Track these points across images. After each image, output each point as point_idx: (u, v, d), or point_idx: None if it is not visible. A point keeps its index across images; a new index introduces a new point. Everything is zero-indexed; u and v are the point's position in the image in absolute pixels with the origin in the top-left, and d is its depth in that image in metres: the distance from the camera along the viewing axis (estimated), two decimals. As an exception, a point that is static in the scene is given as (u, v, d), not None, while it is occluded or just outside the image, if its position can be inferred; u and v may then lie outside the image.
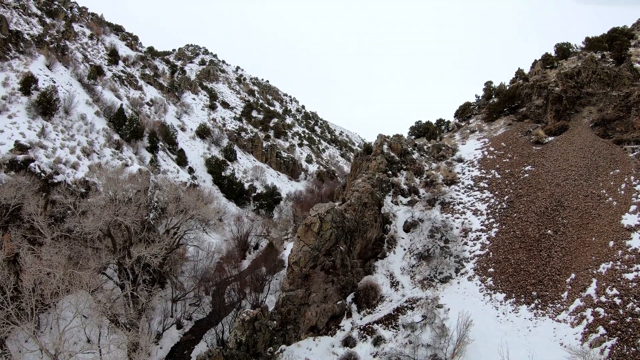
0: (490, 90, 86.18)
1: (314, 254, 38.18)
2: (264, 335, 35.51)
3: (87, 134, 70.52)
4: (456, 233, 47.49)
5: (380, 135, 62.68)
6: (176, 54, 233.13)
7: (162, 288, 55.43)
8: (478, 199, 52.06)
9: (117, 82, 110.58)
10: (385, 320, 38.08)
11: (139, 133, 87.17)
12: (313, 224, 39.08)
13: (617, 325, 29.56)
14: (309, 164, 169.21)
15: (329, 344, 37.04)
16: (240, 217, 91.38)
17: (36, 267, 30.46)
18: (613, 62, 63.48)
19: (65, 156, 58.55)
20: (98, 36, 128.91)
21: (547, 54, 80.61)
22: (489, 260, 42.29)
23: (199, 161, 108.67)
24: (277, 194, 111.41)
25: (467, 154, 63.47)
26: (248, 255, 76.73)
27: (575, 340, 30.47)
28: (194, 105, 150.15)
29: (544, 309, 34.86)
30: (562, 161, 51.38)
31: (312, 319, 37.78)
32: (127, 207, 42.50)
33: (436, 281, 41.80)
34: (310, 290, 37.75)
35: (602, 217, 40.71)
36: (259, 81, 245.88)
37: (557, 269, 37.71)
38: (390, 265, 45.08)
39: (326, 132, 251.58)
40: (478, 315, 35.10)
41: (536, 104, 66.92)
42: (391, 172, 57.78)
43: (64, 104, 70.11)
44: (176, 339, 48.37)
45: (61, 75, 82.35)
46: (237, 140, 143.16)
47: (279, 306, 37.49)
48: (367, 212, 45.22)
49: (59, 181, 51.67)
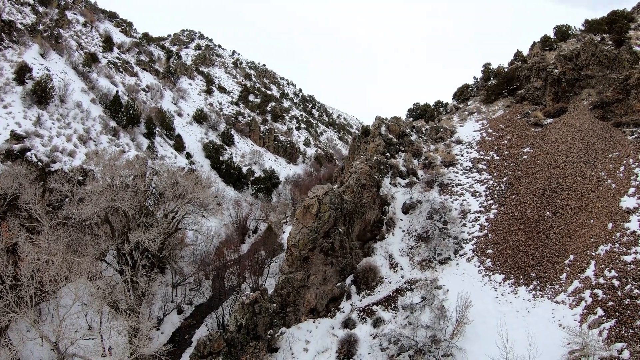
0: (488, 72, 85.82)
1: (312, 236, 38.11)
2: (264, 318, 35.64)
3: (83, 121, 70.22)
4: (455, 214, 47.48)
5: (378, 117, 62.39)
6: (171, 39, 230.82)
7: (162, 273, 55.56)
8: (476, 181, 51.99)
9: (112, 69, 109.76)
10: (385, 301, 38.23)
11: (135, 119, 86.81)
12: (311, 206, 38.93)
13: (615, 306, 29.69)
14: (307, 147, 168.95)
15: (329, 325, 37.24)
16: (239, 201, 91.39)
17: (34, 255, 30.34)
18: (612, 44, 63.01)
19: (62, 144, 58.33)
20: (92, 23, 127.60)
21: (546, 36, 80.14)
22: (488, 241, 42.34)
23: (197, 146, 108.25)
24: (275, 178, 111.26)
25: (465, 136, 63.29)
26: (247, 239, 76.93)
27: (573, 321, 30.63)
28: (190, 90, 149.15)
29: (543, 290, 35.00)
30: (561, 143, 51.24)
31: (311, 301, 37.90)
32: (124, 193, 42.32)
33: (435, 262, 41.89)
34: (309, 273, 37.82)
35: (601, 199, 40.71)
36: (255, 65, 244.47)
37: (556, 250, 37.78)
38: (389, 246, 45.14)
39: (324, 115, 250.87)
40: (477, 296, 35.25)
41: (535, 86, 66.61)
42: (389, 154, 57.63)
43: (59, 92, 69.83)
44: (177, 323, 48.64)
45: (56, 63, 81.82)
46: (235, 125, 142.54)
47: (279, 289, 37.58)
48: (365, 193, 45.12)
49: (56, 169, 51.45)
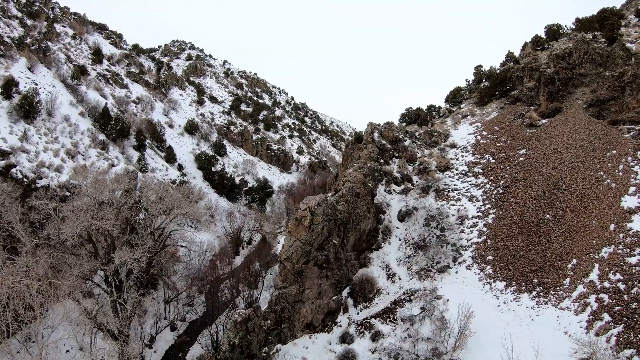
0: (480, 74, 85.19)
1: (306, 249, 36.73)
2: (258, 336, 34.28)
3: (71, 135, 68.77)
4: (452, 221, 46.25)
5: (370, 124, 61.20)
6: (162, 50, 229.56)
7: (154, 289, 54.27)
8: (473, 185, 50.87)
9: (101, 81, 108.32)
10: (383, 314, 36.95)
11: (125, 132, 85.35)
12: (304, 218, 37.58)
13: (622, 311, 28.57)
14: (300, 155, 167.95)
15: (326, 341, 35.91)
16: (232, 212, 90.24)
17: (10, 280, 28.63)
18: (605, 42, 62.39)
19: (49, 159, 57.01)
20: (81, 36, 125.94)
21: (537, 36, 79.41)
22: (487, 247, 41.12)
23: (189, 157, 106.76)
24: (268, 187, 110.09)
25: (459, 139, 62.26)
26: (241, 251, 75.94)
27: (579, 328, 29.47)
28: (181, 101, 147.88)
29: (546, 296, 33.81)
30: (558, 143, 50.25)
31: (307, 316, 36.53)
32: (106, 211, 40.55)
33: (434, 271, 40.66)
34: (304, 287, 36.44)
35: (601, 199, 39.69)
36: (247, 74, 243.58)
37: (558, 254, 36.63)
38: (386, 256, 43.83)
39: (316, 123, 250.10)
40: (478, 305, 33.98)
41: (528, 86, 65.77)
42: (383, 161, 56.44)
43: (46, 106, 68.36)
44: (170, 341, 47.61)
45: (43, 77, 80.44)
46: (227, 135, 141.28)
47: (273, 304, 36.19)
48: (359, 202, 43.82)
49: (42, 185, 50.11)
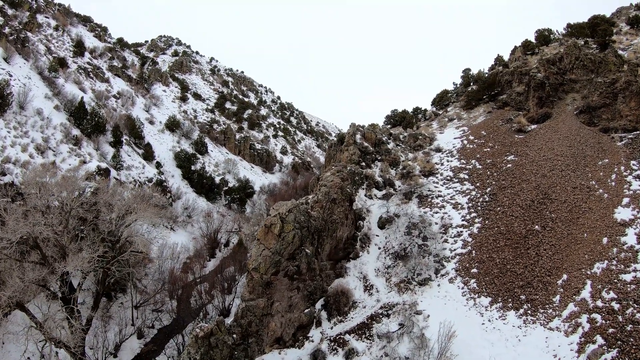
0: (468, 78, 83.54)
1: (275, 259, 33.70)
2: (222, 352, 31.32)
3: (42, 130, 65.53)
4: (435, 229, 43.67)
5: (352, 125, 58.54)
6: (149, 45, 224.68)
7: (123, 294, 51.31)
8: (458, 192, 48.43)
9: (82, 74, 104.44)
10: (359, 329, 34.15)
11: (101, 127, 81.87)
12: (273, 225, 34.45)
13: (616, 334, 26.14)
14: (284, 155, 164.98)
15: (296, 357, 33.09)
16: (210, 213, 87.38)
17: None
18: (596, 48, 60.59)
19: (16, 155, 54.27)
20: (64, 27, 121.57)
21: (527, 40, 77.71)
22: (472, 259, 38.56)
23: (168, 155, 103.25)
24: (249, 188, 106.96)
25: (445, 143, 59.85)
26: (218, 254, 73.28)
27: (570, 351, 27.00)
28: (164, 97, 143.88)
29: (535, 315, 31.34)
30: (547, 150, 48.04)
31: (276, 330, 33.67)
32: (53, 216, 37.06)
33: (414, 284, 38.03)
34: (272, 300, 33.48)
35: (593, 210, 37.41)
36: (233, 72, 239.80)
37: (547, 269, 34.18)
38: (364, 266, 41.04)
39: (302, 123, 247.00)
40: (461, 323, 31.34)
41: (517, 90, 63.77)
42: (365, 164, 53.87)
43: (18, 99, 65.26)
44: (137, 349, 44.97)
45: (20, 68, 77.35)
46: (209, 133, 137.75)
47: (239, 318, 33.13)
48: (336, 208, 40.88)
49: (5, 183, 47.07)
